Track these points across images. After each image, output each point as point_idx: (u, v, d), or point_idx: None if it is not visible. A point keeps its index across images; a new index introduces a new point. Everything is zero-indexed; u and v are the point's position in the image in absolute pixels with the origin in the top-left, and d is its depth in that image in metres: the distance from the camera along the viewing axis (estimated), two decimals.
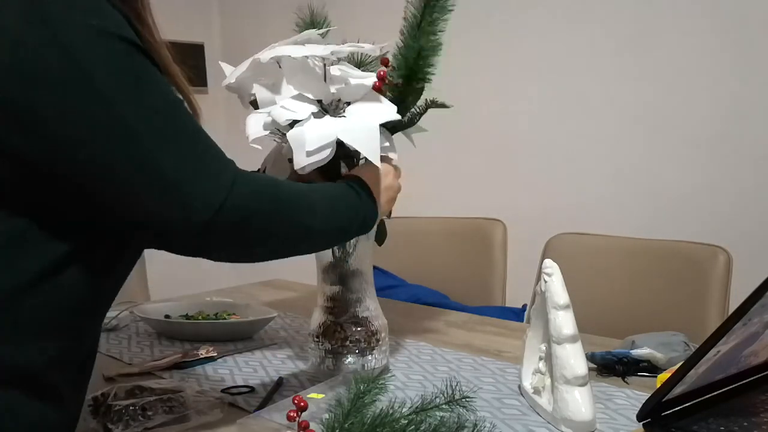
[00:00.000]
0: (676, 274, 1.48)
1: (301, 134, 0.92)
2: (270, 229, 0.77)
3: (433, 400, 0.74)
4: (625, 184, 2.24)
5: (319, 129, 0.92)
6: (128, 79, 0.66)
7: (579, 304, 0.95)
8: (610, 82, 2.24)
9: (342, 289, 1.06)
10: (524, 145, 2.47)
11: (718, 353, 0.80)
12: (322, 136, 0.91)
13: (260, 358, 1.19)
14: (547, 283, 0.90)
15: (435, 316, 1.48)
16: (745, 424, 0.81)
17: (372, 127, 0.93)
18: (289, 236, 0.80)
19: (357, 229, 0.91)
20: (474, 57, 2.52)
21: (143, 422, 0.88)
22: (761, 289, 0.75)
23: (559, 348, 0.87)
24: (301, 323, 1.43)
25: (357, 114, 0.95)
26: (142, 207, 0.67)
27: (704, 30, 2.02)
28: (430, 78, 1.03)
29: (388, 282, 1.81)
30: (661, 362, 1.03)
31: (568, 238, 1.67)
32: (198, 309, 1.46)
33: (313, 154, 0.91)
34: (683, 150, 2.10)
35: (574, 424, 0.84)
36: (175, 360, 1.16)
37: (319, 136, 0.91)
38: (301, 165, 0.91)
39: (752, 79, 1.95)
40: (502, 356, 1.17)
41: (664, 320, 1.36)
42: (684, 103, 2.09)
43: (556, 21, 2.34)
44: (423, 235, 1.97)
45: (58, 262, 0.68)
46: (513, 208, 2.33)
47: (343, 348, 1.05)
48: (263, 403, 0.97)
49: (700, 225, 2.04)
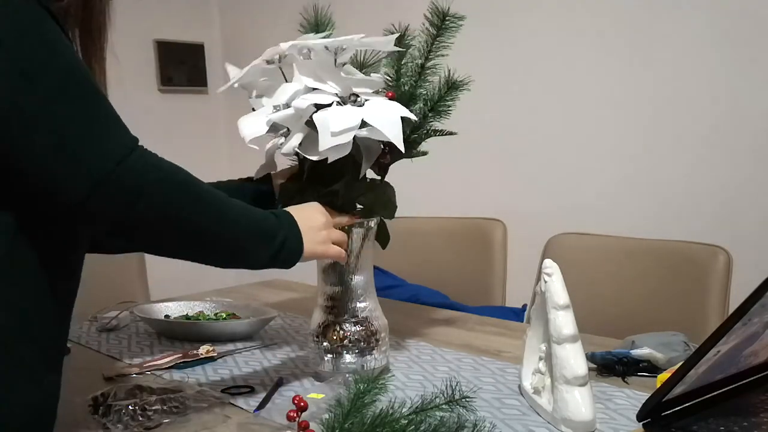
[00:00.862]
0: (676, 274, 1.48)
1: (325, 117, 0.94)
2: (158, 213, 0.74)
3: (433, 400, 0.74)
4: (625, 184, 2.24)
5: (343, 113, 0.95)
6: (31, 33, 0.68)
7: (579, 304, 0.95)
8: (610, 82, 2.24)
9: (342, 289, 1.06)
10: (524, 145, 2.47)
11: (718, 353, 0.80)
12: (347, 119, 0.94)
13: (260, 358, 1.19)
14: (547, 283, 0.90)
15: (435, 316, 1.48)
16: (745, 424, 0.81)
17: (394, 114, 0.96)
18: (177, 229, 0.77)
19: (271, 256, 0.87)
20: (474, 56, 2.52)
21: (143, 422, 0.88)
22: (761, 289, 0.75)
23: (559, 348, 0.87)
24: (301, 323, 1.43)
25: (377, 105, 0.98)
26: (35, 164, 0.68)
27: (705, 30, 2.02)
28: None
29: (388, 282, 1.81)
30: (661, 362, 1.03)
31: (568, 238, 1.67)
32: (198, 309, 1.46)
33: (338, 136, 0.92)
34: (683, 150, 2.10)
35: (574, 424, 0.84)
36: (175, 360, 1.16)
37: (345, 119, 0.93)
38: (326, 146, 0.92)
39: (752, 80, 1.95)
40: (502, 356, 1.17)
41: (664, 320, 1.36)
42: (684, 103, 2.09)
43: (557, 21, 2.34)
44: (423, 235, 1.97)
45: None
46: (513, 208, 2.33)
47: (343, 348, 1.05)
48: (263, 403, 0.97)
49: (700, 225, 2.04)
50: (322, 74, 0.99)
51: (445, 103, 1.07)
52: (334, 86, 0.99)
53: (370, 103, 0.98)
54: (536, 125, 2.43)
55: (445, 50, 1.06)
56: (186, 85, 3.43)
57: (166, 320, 1.37)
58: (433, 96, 1.07)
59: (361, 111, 0.95)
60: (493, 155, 2.56)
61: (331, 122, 0.93)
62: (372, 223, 1.06)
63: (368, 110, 0.96)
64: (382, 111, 0.96)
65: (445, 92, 1.06)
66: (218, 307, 1.46)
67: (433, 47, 1.06)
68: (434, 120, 1.07)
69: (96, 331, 1.41)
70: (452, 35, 1.06)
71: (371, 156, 1.04)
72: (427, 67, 1.07)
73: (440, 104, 1.07)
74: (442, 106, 1.07)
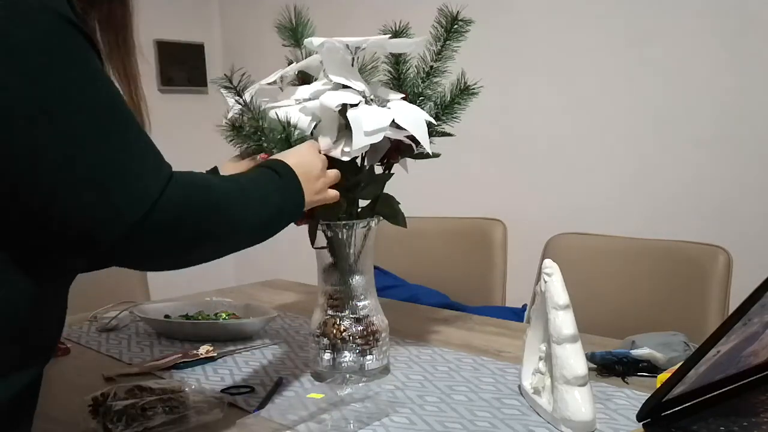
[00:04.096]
0: (676, 274, 1.48)
1: (358, 116, 0.95)
2: (204, 228, 0.73)
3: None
4: (625, 184, 2.24)
5: (375, 112, 0.96)
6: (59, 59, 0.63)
7: (579, 304, 0.95)
8: (610, 82, 2.24)
9: (342, 289, 1.06)
10: (524, 145, 2.47)
11: (718, 353, 0.80)
12: (379, 119, 0.95)
13: (260, 358, 1.19)
14: (547, 283, 0.90)
15: (435, 316, 1.48)
16: (745, 424, 0.81)
17: (420, 116, 0.99)
18: (222, 234, 0.76)
19: (286, 217, 0.87)
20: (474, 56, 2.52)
21: (143, 422, 0.88)
22: (761, 289, 0.75)
23: (559, 348, 0.87)
24: (301, 323, 1.43)
25: (402, 106, 1.00)
26: (67, 205, 0.64)
27: (705, 31, 2.02)
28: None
29: (388, 282, 1.81)
30: (661, 362, 1.03)
31: (568, 238, 1.67)
32: (198, 309, 1.46)
33: (370, 135, 0.94)
34: (683, 150, 2.10)
35: (574, 424, 0.84)
36: (175, 360, 1.16)
37: (376, 120, 0.95)
38: (360, 145, 0.94)
39: (752, 80, 1.95)
40: (502, 356, 1.17)
41: (664, 320, 1.36)
42: (684, 103, 2.09)
43: (557, 21, 2.34)
44: (423, 235, 1.97)
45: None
46: (513, 208, 2.33)
47: (343, 348, 1.05)
48: (263, 403, 0.97)
49: (701, 225, 2.04)
50: (347, 74, 1.00)
51: (456, 107, 1.07)
52: (360, 85, 1.00)
53: (394, 104, 0.99)
54: (536, 125, 2.43)
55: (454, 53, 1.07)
56: (186, 85, 3.43)
57: (166, 320, 1.37)
58: (443, 99, 1.08)
59: (391, 111, 0.97)
60: (493, 155, 2.56)
61: (364, 121, 0.95)
62: (373, 224, 1.06)
63: (396, 111, 0.97)
64: (409, 112, 0.98)
65: (456, 95, 1.07)
66: (218, 307, 1.46)
67: (442, 50, 1.07)
68: (445, 123, 1.08)
69: (96, 331, 1.40)
70: (461, 39, 1.06)
71: (377, 154, 1.04)
72: (435, 69, 1.07)
73: (450, 107, 1.07)
74: (452, 109, 1.07)
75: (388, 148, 1.04)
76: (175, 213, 0.69)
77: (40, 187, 0.63)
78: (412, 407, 0.95)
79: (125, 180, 0.65)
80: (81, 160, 0.63)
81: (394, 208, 1.09)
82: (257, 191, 0.83)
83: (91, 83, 0.65)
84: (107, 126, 0.66)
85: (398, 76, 1.08)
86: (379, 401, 0.95)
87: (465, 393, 1.00)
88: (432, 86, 1.08)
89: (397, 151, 1.05)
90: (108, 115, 0.66)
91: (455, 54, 1.07)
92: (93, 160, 0.64)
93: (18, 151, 0.62)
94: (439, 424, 0.89)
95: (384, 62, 1.08)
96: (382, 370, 1.08)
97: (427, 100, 1.08)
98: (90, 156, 0.64)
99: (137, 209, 0.65)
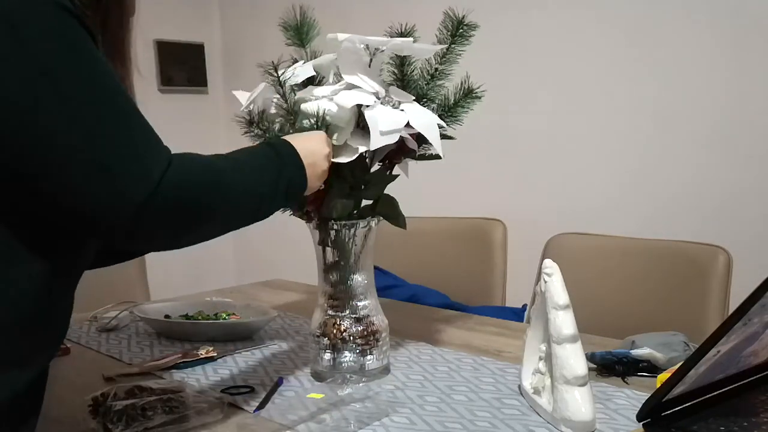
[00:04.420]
0: (676, 274, 1.48)
1: (374, 116, 0.96)
2: (206, 205, 0.75)
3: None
4: (625, 184, 2.24)
5: (388, 113, 0.98)
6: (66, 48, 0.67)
7: (579, 304, 0.95)
8: (610, 82, 2.24)
9: (343, 289, 1.06)
10: (524, 145, 2.47)
11: (718, 353, 0.80)
12: (394, 120, 0.97)
13: (260, 358, 1.19)
14: (547, 283, 0.90)
15: (435, 316, 1.48)
16: (745, 424, 0.81)
17: (433, 119, 1.00)
18: (225, 211, 0.79)
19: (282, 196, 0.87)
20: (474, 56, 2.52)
21: (143, 422, 0.88)
22: (761, 289, 0.75)
23: (559, 348, 0.87)
24: (301, 323, 1.43)
25: (415, 107, 1.01)
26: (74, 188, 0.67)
27: (704, 31, 2.02)
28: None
29: (388, 282, 1.81)
30: (661, 362, 1.03)
31: (568, 238, 1.67)
32: (198, 309, 1.45)
33: (386, 135, 0.96)
34: (683, 150, 2.10)
35: (574, 424, 0.84)
36: (175, 360, 1.16)
37: (392, 119, 0.97)
38: (377, 145, 0.95)
39: (752, 80, 1.95)
40: (502, 356, 1.17)
41: (664, 320, 1.36)
42: (684, 103, 2.09)
43: (559, 21, 2.34)
44: (423, 235, 1.97)
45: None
46: (513, 208, 2.33)
47: (343, 348, 1.05)
48: (263, 403, 0.97)
49: (701, 225, 2.04)
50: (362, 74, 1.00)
51: (460, 110, 1.08)
52: (374, 86, 1.00)
53: (407, 105, 1.00)
54: (537, 125, 2.43)
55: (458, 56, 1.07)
56: (186, 85, 3.43)
57: (166, 320, 1.37)
58: (447, 102, 1.08)
59: (405, 113, 0.98)
60: (493, 155, 2.56)
61: (380, 122, 0.96)
62: (373, 224, 1.06)
63: (410, 113, 0.99)
64: (422, 115, 1.00)
65: (460, 98, 1.08)
66: (218, 307, 1.46)
67: (447, 53, 1.07)
68: (448, 125, 1.08)
69: (96, 331, 1.40)
70: (466, 43, 1.07)
71: (380, 154, 1.04)
72: (439, 71, 1.07)
73: (454, 110, 1.08)
74: (456, 111, 1.08)
75: (391, 150, 1.04)
76: (178, 193, 0.71)
77: (48, 171, 0.66)
78: (412, 407, 0.95)
79: (131, 163, 0.68)
80: (89, 145, 0.66)
81: (395, 209, 1.09)
82: (257, 168, 0.84)
83: (95, 70, 0.69)
84: (112, 111, 0.69)
85: (402, 77, 1.08)
86: (379, 401, 0.95)
87: (465, 393, 1.00)
88: (436, 89, 1.08)
89: (401, 153, 1.05)
90: (113, 100, 0.69)
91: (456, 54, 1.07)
92: (100, 144, 0.67)
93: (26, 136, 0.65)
94: (439, 424, 0.89)
95: (388, 63, 1.08)
96: (382, 370, 1.08)
97: (431, 102, 1.08)
98: (98, 140, 0.67)
99: (142, 191, 0.68)
